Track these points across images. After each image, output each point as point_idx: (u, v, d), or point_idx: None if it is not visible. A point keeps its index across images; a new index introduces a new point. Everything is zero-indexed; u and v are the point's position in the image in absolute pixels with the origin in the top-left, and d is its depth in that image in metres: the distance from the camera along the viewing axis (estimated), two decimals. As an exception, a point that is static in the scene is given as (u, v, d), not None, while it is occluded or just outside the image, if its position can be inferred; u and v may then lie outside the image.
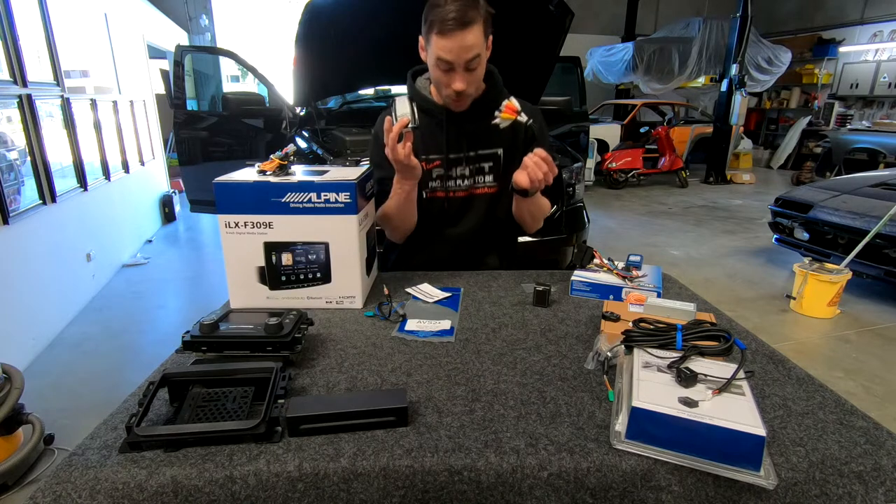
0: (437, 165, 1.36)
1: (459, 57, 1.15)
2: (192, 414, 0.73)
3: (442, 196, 1.39)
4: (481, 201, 1.40)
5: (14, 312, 2.69)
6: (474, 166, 1.37)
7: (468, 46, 1.14)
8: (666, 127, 8.24)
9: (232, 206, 1.05)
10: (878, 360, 2.85)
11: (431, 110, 1.33)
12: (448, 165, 1.36)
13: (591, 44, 9.98)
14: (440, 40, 1.14)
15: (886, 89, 8.74)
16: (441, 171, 1.36)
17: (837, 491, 0.64)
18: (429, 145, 1.35)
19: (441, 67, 1.18)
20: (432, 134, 1.34)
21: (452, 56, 1.15)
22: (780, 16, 10.90)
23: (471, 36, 1.13)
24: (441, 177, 1.37)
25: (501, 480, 0.65)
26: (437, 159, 1.36)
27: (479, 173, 1.38)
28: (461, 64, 1.16)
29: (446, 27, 1.12)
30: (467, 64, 1.17)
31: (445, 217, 1.41)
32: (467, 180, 1.38)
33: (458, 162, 1.36)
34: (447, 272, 1.37)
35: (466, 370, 0.88)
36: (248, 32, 10.16)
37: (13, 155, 2.83)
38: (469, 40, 1.13)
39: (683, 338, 0.84)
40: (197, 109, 6.05)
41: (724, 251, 4.86)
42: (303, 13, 2.20)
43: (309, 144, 3.11)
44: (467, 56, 1.15)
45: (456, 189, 1.39)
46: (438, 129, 1.33)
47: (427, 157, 1.35)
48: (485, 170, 1.38)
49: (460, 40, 1.13)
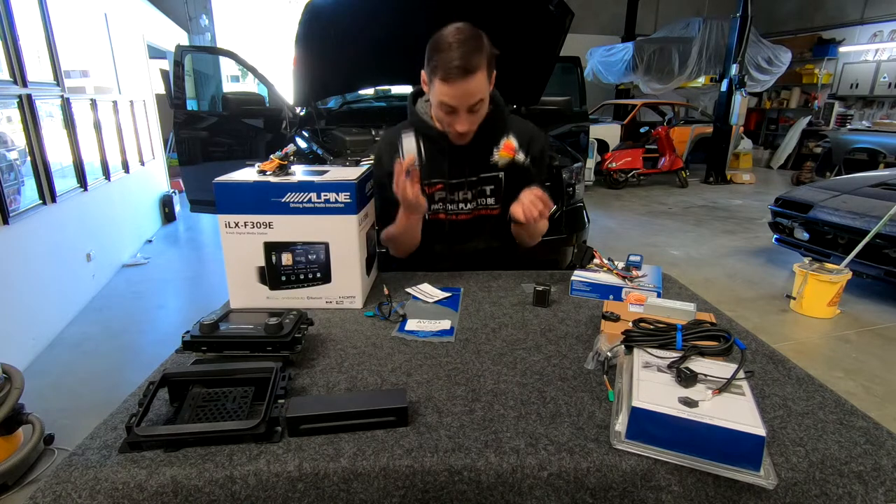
0: (440, 189, 1.36)
1: (462, 102, 1.16)
2: (192, 414, 0.73)
3: (444, 218, 1.39)
4: (485, 222, 1.41)
5: (14, 312, 2.68)
6: (476, 189, 1.37)
7: (471, 93, 1.14)
8: (666, 127, 8.24)
9: (232, 206, 1.05)
10: (878, 360, 2.85)
11: (433, 136, 1.32)
12: (450, 190, 1.36)
13: (591, 44, 9.97)
14: (443, 86, 1.14)
15: (886, 89, 8.73)
16: (443, 194, 1.37)
17: (837, 491, 0.64)
18: (430, 170, 1.35)
19: (444, 109, 1.19)
20: (434, 159, 1.34)
21: (455, 102, 1.16)
22: (780, 16, 10.89)
23: (474, 83, 1.13)
24: (443, 200, 1.38)
25: (501, 480, 0.65)
26: (439, 183, 1.36)
27: (482, 196, 1.38)
28: (464, 108, 1.17)
29: (450, 75, 1.11)
30: (470, 108, 1.18)
31: (449, 237, 1.41)
32: (470, 203, 1.38)
33: (461, 186, 1.36)
34: (447, 272, 1.37)
35: (466, 370, 0.88)
36: (248, 32, 10.16)
37: (13, 155, 2.83)
38: (472, 87, 1.13)
39: (683, 338, 0.84)
40: (197, 109, 6.04)
41: (724, 251, 4.86)
42: (303, 13, 2.20)
43: (309, 144, 3.11)
44: (470, 101, 1.16)
45: (458, 212, 1.39)
46: (440, 154, 1.33)
47: (429, 181, 1.35)
48: (486, 192, 1.38)
49: (464, 88, 1.13)
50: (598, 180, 8.16)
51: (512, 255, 1.51)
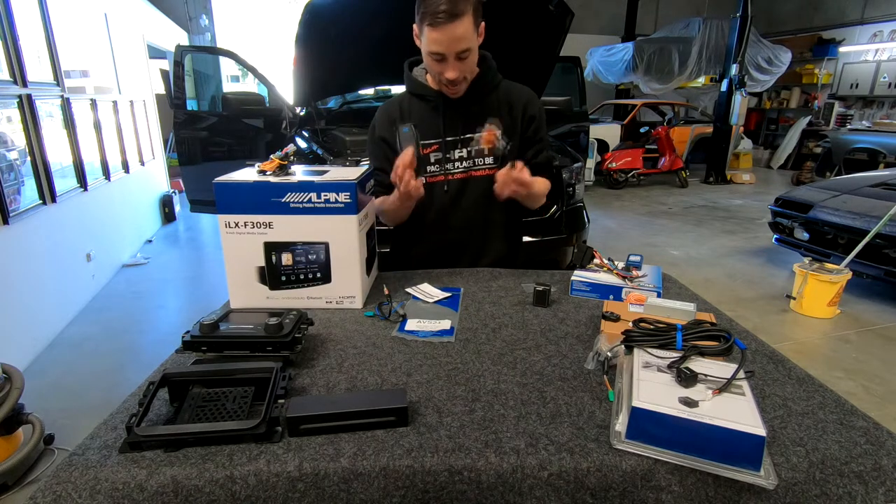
0: (435, 150, 1.38)
1: (450, 48, 1.19)
2: (192, 414, 0.73)
3: (441, 180, 1.41)
4: (478, 184, 1.40)
5: (14, 312, 2.68)
6: (472, 148, 1.39)
7: (458, 38, 1.17)
8: (666, 127, 8.24)
9: (232, 206, 1.05)
10: (878, 360, 2.85)
11: (427, 96, 1.37)
12: (446, 149, 1.38)
13: (591, 44, 9.97)
14: (431, 32, 1.17)
15: (886, 89, 8.73)
16: (439, 154, 1.39)
17: (837, 491, 0.64)
18: (425, 131, 1.37)
19: (434, 58, 1.22)
20: (429, 119, 1.37)
21: (443, 48, 1.18)
22: (780, 16, 10.89)
23: (461, 27, 1.16)
24: (439, 161, 1.39)
25: (501, 480, 0.65)
26: (435, 143, 1.38)
27: (479, 155, 1.39)
28: (452, 54, 1.20)
29: (437, 20, 1.14)
30: (458, 54, 1.20)
31: (445, 200, 1.42)
32: (465, 162, 1.40)
33: (455, 145, 1.38)
34: (447, 272, 1.37)
35: (466, 370, 0.88)
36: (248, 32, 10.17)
37: (13, 155, 2.83)
38: (459, 32, 1.16)
39: (683, 338, 0.84)
40: (197, 109, 6.04)
41: (724, 251, 4.86)
42: (303, 13, 2.20)
43: (309, 144, 3.11)
44: (458, 47, 1.19)
45: (454, 171, 1.41)
46: (435, 112, 1.37)
47: (424, 142, 1.38)
48: (484, 151, 1.39)
49: (451, 32, 1.16)
50: (598, 180, 8.16)
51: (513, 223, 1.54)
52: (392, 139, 1.40)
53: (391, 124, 1.40)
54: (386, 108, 1.44)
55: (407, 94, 1.42)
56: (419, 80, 1.38)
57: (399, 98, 1.44)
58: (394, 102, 1.43)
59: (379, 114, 1.44)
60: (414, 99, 1.40)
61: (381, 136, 1.42)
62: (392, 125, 1.40)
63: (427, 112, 1.38)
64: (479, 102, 1.36)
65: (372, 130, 1.44)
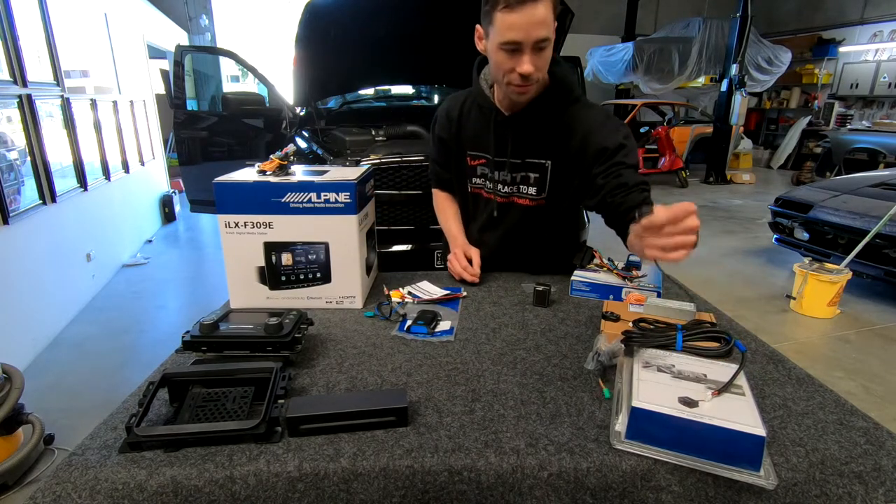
0: (482, 163, 1.33)
1: (528, 34, 1.01)
2: (192, 414, 0.73)
3: (484, 196, 1.37)
4: (518, 211, 1.32)
5: (14, 312, 2.68)
6: (519, 175, 1.28)
7: (538, 22, 1.00)
8: (666, 127, 8.24)
9: (232, 206, 1.05)
10: (878, 360, 2.84)
11: (484, 107, 1.27)
12: (493, 167, 1.30)
13: (591, 44, 9.97)
14: (507, 16, 1.00)
15: (886, 89, 8.72)
16: (486, 170, 1.33)
17: (837, 491, 0.64)
18: (477, 141, 1.32)
19: (506, 49, 1.05)
20: (481, 130, 1.30)
21: (521, 34, 1.01)
22: (780, 16, 10.89)
23: (541, 9, 0.99)
24: (485, 176, 1.34)
25: (501, 480, 0.65)
26: (483, 158, 1.32)
27: (524, 182, 1.29)
28: (529, 43, 1.02)
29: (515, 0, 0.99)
30: (536, 43, 1.03)
31: (487, 216, 1.38)
32: (509, 187, 1.30)
33: (502, 166, 1.29)
34: (447, 271, 1.37)
35: (466, 370, 0.88)
36: (248, 32, 10.17)
37: (13, 155, 2.83)
38: (540, 14, 0.99)
39: (683, 338, 0.84)
40: (197, 109, 6.04)
41: (724, 251, 4.85)
42: (303, 13, 2.20)
43: (309, 144, 3.11)
44: (537, 34, 1.01)
45: (496, 193, 1.32)
46: (486, 126, 1.27)
47: (473, 153, 1.34)
48: (529, 180, 1.27)
49: (530, 15, 0.99)
50: (598, 180, 8.14)
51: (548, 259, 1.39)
52: (449, 139, 1.37)
53: (450, 124, 1.36)
54: (448, 106, 1.38)
55: (471, 95, 1.33)
56: (481, 88, 1.27)
57: (464, 97, 1.35)
58: (457, 101, 1.36)
59: (441, 111, 1.39)
60: (475, 103, 1.31)
61: (440, 135, 1.39)
62: (450, 125, 1.35)
63: (481, 122, 1.29)
64: (535, 125, 1.22)
65: (433, 124, 1.42)
